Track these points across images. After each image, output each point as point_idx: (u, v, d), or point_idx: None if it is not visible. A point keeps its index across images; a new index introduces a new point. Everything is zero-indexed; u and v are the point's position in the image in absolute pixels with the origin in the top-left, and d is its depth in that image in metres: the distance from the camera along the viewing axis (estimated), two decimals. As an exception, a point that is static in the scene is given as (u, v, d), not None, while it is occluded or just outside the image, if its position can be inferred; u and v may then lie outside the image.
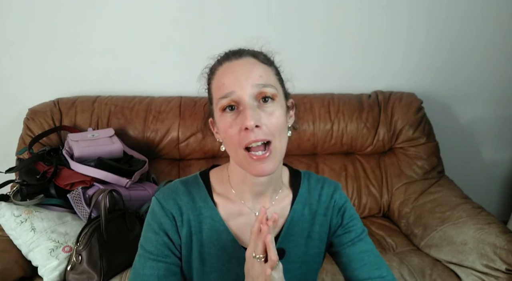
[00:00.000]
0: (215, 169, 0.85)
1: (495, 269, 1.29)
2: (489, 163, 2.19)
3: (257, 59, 0.73)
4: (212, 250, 0.79)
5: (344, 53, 1.87)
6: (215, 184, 0.82)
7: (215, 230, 0.79)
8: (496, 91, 2.03)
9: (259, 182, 0.77)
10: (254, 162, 0.68)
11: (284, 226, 0.81)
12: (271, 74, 0.73)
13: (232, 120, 0.69)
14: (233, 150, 0.72)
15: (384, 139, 1.78)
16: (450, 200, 1.57)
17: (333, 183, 0.87)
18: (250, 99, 0.68)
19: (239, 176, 0.78)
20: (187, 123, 1.72)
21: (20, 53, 1.75)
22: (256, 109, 0.68)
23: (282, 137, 0.71)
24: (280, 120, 0.70)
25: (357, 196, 1.75)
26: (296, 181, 0.85)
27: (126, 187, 1.48)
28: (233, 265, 0.79)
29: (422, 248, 1.49)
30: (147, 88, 1.84)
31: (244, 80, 0.68)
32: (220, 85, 0.70)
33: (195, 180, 0.82)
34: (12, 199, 1.38)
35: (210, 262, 0.79)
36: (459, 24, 1.88)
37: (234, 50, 0.75)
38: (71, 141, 1.54)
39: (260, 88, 0.68)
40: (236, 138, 0.68)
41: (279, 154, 0.71)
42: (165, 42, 1.76)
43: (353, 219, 0.85)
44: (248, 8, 1.73)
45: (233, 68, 0.71)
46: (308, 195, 0.84)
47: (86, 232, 1.27)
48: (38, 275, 1.29)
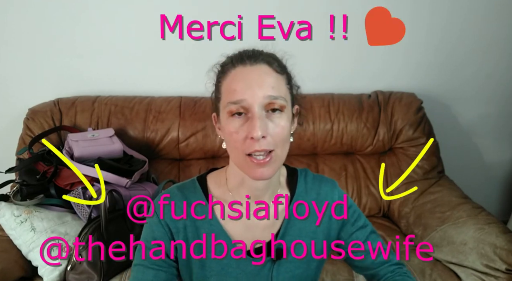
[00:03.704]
0: (213, 173, 0.85)
1: (495, 269, 1.29)
2: (489, 163, 2.19)
3: (271, 67, 0.72)
4: (210, 254, 0.79)
5: (344, 53, 1.87)
6: (212, 187, 0.82)
7: (213, 234, 0.79)
8: (496, 91, 2.03)
9: (257, 185, 0.77)
10: (254, 166, 0.69)
11: (282, 226, 0.81)
12: (283, 84, 0.73)
13: (239, 126, 0.69)
14: (234, 153, 0.72)
15: (384, 139, 1.78)
16: (450, 200, 1.57)
17: (329, 180, 0.87)
18: (259, 109, 0.68)
19: (237, 179, 0.78)
20: (187, 123, 1.72)
21: (20, 53, 1.75)
22: (264, 119, 0.68)
23: (284, 146, 0.72)
24: (285, 131, 0.70)
25: (357, 196, 1.75)
26: (293, 180, 0.85)
27: (126, 187, 1.48)
28: (232, 268, 0.80)
29: (422, 248, 1.49)
30: (147, 88, 1.84)
31: (256, 89, 0.68)
32: (231, 89, 0.70)
33: (192, 184, 0.82)
34: (12, 199, 1.38)
35: (209, 266, 0.80)
36: (459, 24, 1.88)
37: (248, 52, 0.74)
38: (71, 141, 1.54)
39: (271, 100, 0.69)
40: (240, 144, 0.69)
41: (279, 161, 0.72)
42: (165, 42, 1.75)
43: (355, 212, 0.86)
44: (248, 8, 1.73)
45: (246, 75, 0.70)
46: (306, 194, 0.84)
47: (86, 232, 1.27)
48: (38, 275, 1.29)
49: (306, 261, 0.83)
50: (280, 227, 0.81)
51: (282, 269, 0.81)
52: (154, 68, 1.84)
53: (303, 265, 0.83)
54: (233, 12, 1.70)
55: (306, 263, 0.83)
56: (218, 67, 0.77)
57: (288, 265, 0.81)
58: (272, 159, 0.69)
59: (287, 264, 0.81)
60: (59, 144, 1.64)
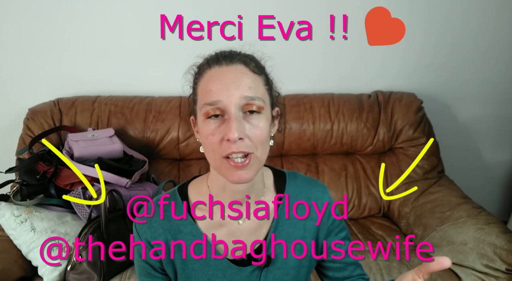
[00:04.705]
0: (193, 181, 0.82)
1: (495, 269, 1.29)
2: (489, 163, 2.19)
3: (247, 67, 0.70)
4: (196, 266, 0.78)
5: (344, 53, 1.87)
6: (194, 197, 0.79)
7: (197, 246, 0.77)
8: (496, 91, 2.03)
9: (238, 190, 0.74)
10: (232, 169, 0.67)
11: (269, 231, 0.79)
12: (260, 84, 0.70)
13: (215, 128, 0.67)
14: (212, 156, 0.69)
15: (384, 139, 1.78)
16: (450, 200, 1.57)
17: (321, 185, 0.84)
18: (236, 110, 0.66)
19: (218, 185, 0.75)
20: (187, 123, 1.72)
21: (20, 53, 1.75)
22: (241, 121, 0.66)
23: (264, 148, 0.69)
24: (264, 133, 0.68)
25: (357, 196, 1.75)
26: (281, 182, 0.82)
27: (126, 187, 1.48)
28: (219, 278, 0.78)
29: (422, 248, 1.49)
30: (147, 88, 1.84)
31: (232, 90, 0.66)
32: (207, 90, 0.68)
33: (173, 196, 0.80)
34: (12, 199, 1.38)
35: (195, 278, 0.78)
36: (459, 24, 1.88)
37: (225, 53, 0.71)
38: (71, 141, 1.54)
39: (248, 101, 0.66)
40: (217, 147, 0.66)
41: (258, 164, 0.69)
42: (165, 42, 1.75)
43: (341, 222, 0.85)
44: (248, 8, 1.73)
45: (222, 75, 0.68)
46: (295, 197, 0.81)
47: (86, 232, 1.27)
48: (38, 275, 1.30)
49: (295, 266, 0.80)
50: (267, 233, 0.79)
51: (270, 277, 0.79)
52: (154, 68, 1.84)
53: (292, 271, 0.80)
54: (233, 12, 1.70)
55: (295, 269, 0.81)
56: (195, 68, 0.75)
57: (276, 272, 0.79)
58: (251, 161, 0.67)
59: (275, 271, 0.79)
60: (59, 144, 1.64)
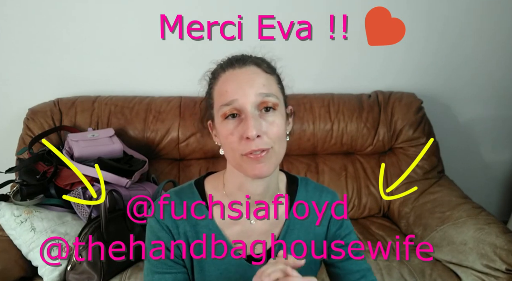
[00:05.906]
0: (210, 177, 0.85)
1: (495, 269, 1.29)
2: (489, 163, 2.19)
3: (260, 68, 0.73)
4: (210, 259, 0.79)
5: (344, 53, 1.87)
6: (210, 192, 0.82)
7: (212, 239, 0.79)
8: (496, 91, 2.03)
9: (255, 189, 0.76)
10: (251, 162, 0.69)
11: (280, 234, 0.81)
12: (273, 83, 0.73)
13: (234, 128, 0.69)
14: (231, 155, 0.72)
15: (384, 139, 1.78)
16: (450, 200, 1.57)
17: (331, 191, 0.87)
18: (252, 108, 0.69)
19: (235, 184, 0.78)
20: (187, 123, 1.72)
21: (20, 53, 1.75)
22: (258, 119, 0.68)
23: (281, 144, 0.72)
24: (280, 129, 0.70)
25: (357, 196, 1.75)
26: (293, 187, 0.85)
27: (126, 187, 1.48)
28: (231, 273, 0.80)
29: (422, 248, 1.49)
30: (147, 88, 1.84)
31: (247, 89, 0.69)
32: (223, 92, 0.71)
33: (190, 189, 0.82)
34: (12, 199, 1.38)
35: (208, 271, 0.80)
36: (459, 24, 1.88)
37: (237, 57, 0.75)
38: (71, 141, 1.54)
39: (263, 97, 0.69)
40: (236, 146, 0.69)
41: (276, 158, 0.71)
42: (165, 42, 1.75)
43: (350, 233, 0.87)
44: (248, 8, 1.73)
45: (236, 76, 0.71)
46: (306, 202, 0.84)
47: (86, 232, 1.27)
48: (38, 275, 1.30)
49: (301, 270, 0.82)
50: (278, 235, 0.81)
51: None
52: (154, 68, 1.84)
53: (302, 268, 0.83)
54: (233, 12, 1.70)
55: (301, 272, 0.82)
56: (209, 74, 0.78)
57: None
58: (269, 154, 0.69)
59: None
60: (59, 144, 1.64)
